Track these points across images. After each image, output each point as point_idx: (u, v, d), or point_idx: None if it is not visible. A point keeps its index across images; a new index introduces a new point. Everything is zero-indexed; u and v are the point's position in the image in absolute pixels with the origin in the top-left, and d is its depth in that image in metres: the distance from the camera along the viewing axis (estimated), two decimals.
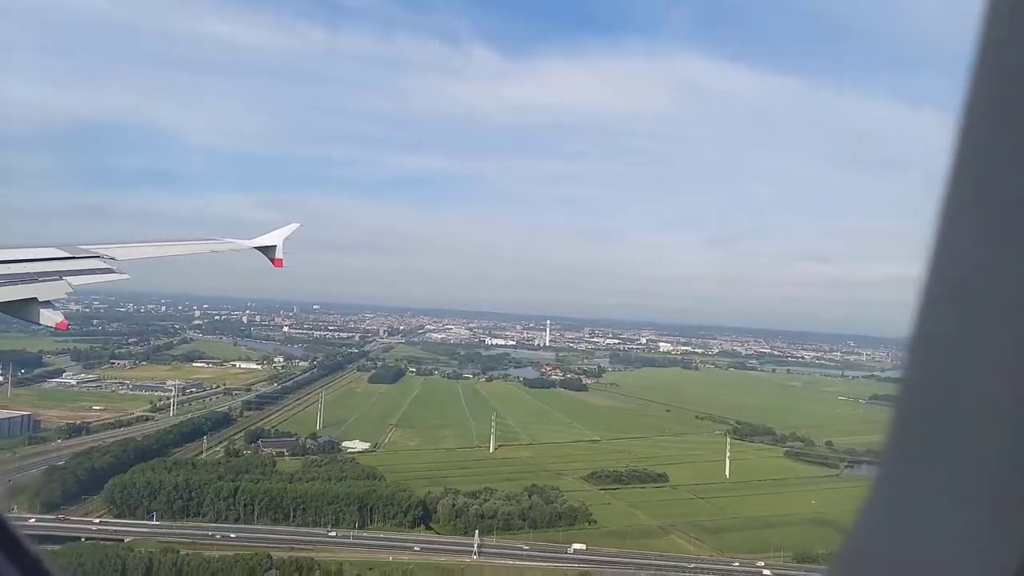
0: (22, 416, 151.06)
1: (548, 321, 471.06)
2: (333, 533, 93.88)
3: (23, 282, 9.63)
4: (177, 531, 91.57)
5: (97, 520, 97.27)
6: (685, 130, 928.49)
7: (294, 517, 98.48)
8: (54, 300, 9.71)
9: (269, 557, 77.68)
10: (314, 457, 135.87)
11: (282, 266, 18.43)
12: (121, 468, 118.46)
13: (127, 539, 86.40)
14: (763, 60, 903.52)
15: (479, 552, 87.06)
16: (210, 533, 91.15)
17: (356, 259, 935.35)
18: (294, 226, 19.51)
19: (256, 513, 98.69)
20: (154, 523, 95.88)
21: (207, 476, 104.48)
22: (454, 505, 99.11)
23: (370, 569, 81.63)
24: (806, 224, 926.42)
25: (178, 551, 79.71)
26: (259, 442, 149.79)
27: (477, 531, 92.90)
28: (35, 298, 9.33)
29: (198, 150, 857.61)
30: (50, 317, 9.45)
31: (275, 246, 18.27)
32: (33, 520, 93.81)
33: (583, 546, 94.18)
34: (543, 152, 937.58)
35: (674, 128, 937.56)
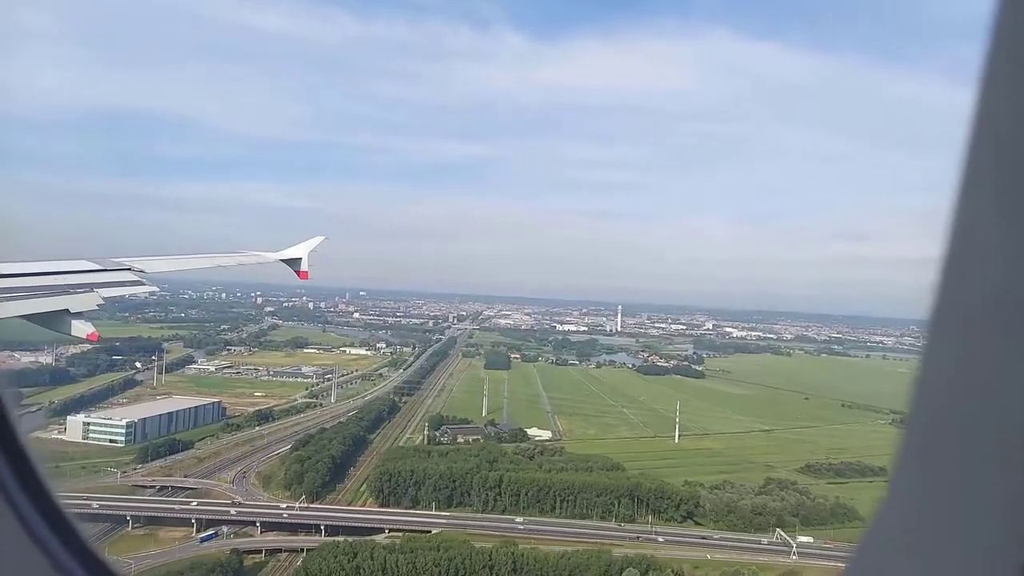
0: (213, 403, 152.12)
1: (619, 307, 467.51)
2: (615, 528, 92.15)
3: (55, 294, 9.72)
4: (478, 522, 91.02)
5: (385, 510, 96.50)
6: (718, 109, 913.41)
7: (561, 509, 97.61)
8: (85, 311, 9.80)
9: (609, 553, 76.53)
10: (508, 444, 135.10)
11: (307, 278, 18.67)
12: (348, 456, 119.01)
13: (434, 530, 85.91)
14: (795, 37, 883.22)
15: (798, 552, 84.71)
16: (517, 524, 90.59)
17: (390, 245, 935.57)
18: (319, 238, 19.60)
19: (523, 504, 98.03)
20: (444, 512, 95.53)
21: (466, 465, 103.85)
22: (722, 500, 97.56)
23: (697, 568, 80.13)
24: (847, 202, 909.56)
25: (516, 544, 78.94)
26: (443, 428, 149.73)
27: (777, 529, 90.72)
28: (67, 309, 9.43)
29: (230, 139, 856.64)
30: (81, 328, 9.49)
31: (300, 258, 18.48)
32: (323, 511, 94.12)
33: None
34: (574, 134, 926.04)
35: (707, 107, 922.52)
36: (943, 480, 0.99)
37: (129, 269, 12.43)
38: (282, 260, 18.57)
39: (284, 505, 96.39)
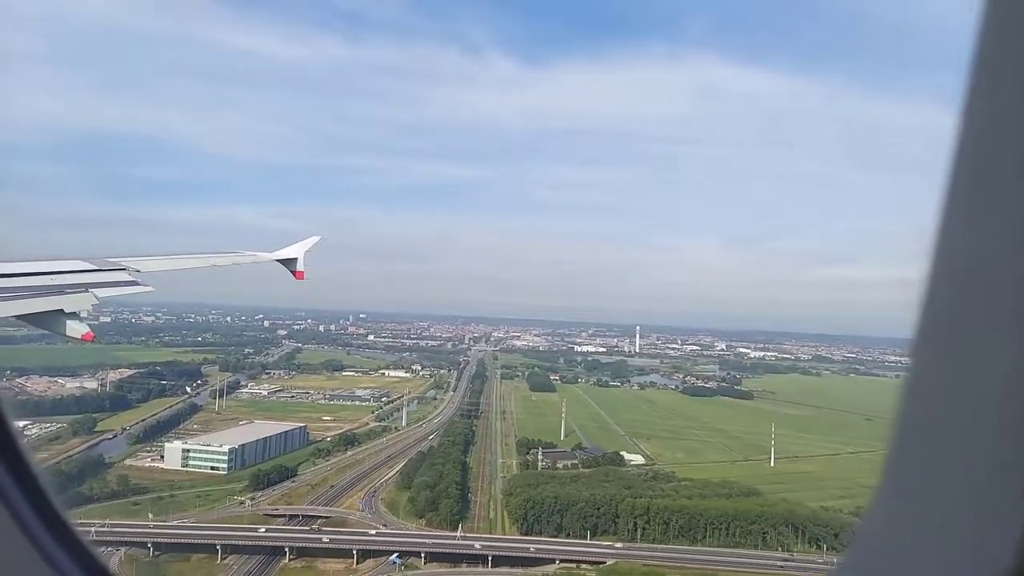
0: (299, 428, 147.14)
1: (638, 327, 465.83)
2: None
3: (49, 294, 9.59)
4: (652, 552, 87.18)
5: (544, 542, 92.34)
6: (704, 133, 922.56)
7: (712, 537, 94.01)
8: (79, 312, 9.66)
9: None
10: (605, 468, 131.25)
11: (303, 278, 18.33)
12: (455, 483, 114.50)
13: (608, 561, 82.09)
14: (782, 61, 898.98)
15: None
16: (694, 554, 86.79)
17: (383, 267, 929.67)
18: (315, 239, 19.34)
19: (672, 532, 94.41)
20: (592, 540, 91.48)
21: (607, 491, 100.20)
22: None
23: None
24: (834, 226, 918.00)
25: None
26: (531, 452, 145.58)
27: None
28: (61, 309, 9.31)
29: (218, 161, 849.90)
30: (75, 328, 9.38)
31: (296, 258, 18.18)
32: (485, 540, 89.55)
33: None
34: (561, 158, 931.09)
35: (694, 131, 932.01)
36: (929, 484, 1.00)
37: (124, 269, 12.04)
38: (278, 260, 18.13)
39: (456, 534, 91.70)
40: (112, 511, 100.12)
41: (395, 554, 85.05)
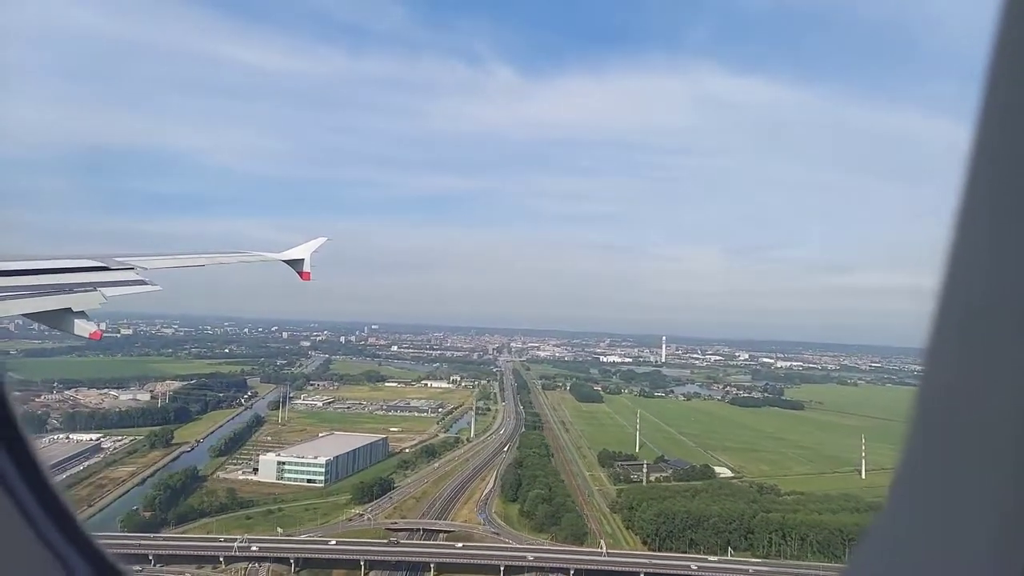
0: (381, 439, 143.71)
1: (664, 338, 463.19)
2: None
3: (57, 292, 9.50)
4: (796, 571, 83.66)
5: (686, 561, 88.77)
6: (703, 142, 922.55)
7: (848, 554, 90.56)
8: (88, 310, 9.53)
9: None
10: (700, 483, 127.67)
11: (309, 279, 18.13)
12: (568, 496, 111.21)
13: None
14: (781, 71, 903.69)
15: None
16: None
17: (380, 278, 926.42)
18: (322, 240, 19.26)
19: (809, 548, 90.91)
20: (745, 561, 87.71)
21: (738, 506, 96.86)
22: None
23: None
24: (836, 232, 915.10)
25: None
26: (615, 464, 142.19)
27: None
28: (69, 308, 9.23)
29: (220, 175, 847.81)
30: (83, 327, 9.24)
31: (303, 259, 18.09)
32: (632, 558, 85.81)
33: None
34: (562, 168, 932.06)
35: (692, 141, 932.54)
36: (946, 483, 1.00)
37: (132, 268, 11.99)
38: (284, 260, 18.03)
39: (601, 550, 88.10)
40: (229, 525, 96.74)
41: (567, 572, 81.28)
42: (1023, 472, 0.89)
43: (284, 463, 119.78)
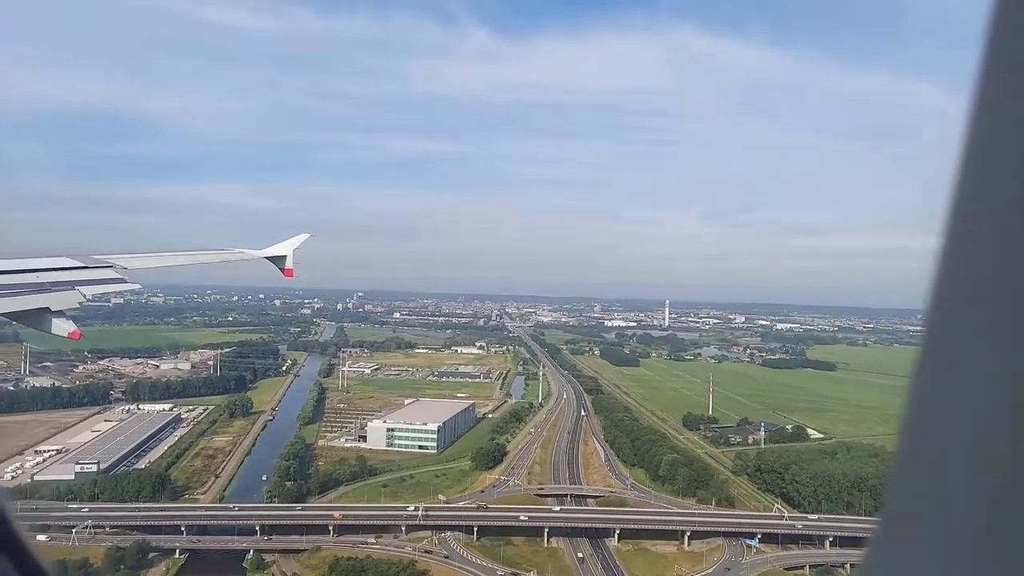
0: (469, 404, 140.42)
1: (667, 302, 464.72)
2: None
3: (35, 292, 9.42)
4: None
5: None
6: (682, 106, 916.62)
7: None
8: (66, 309, 9.44)
9: None
10: (800, 444, 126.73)
11: (292, 276, 18.40)
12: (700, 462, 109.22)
13: None
14: (760, 32, 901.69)
15: None
16: None
17: (359, 244, 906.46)
18: (304, 236, 19.40)
19: None
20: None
21: (863, 469, 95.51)
22: None
23: None
24: (816, 195, 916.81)
25: None
26: (703, 427, 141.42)
27: None
28: (47, 307, 9.12)
29: (192, 139, 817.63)
30: (62, 327, 9.10)
31: (285, 256, 18.33)
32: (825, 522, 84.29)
33: None
34: (538, 131, 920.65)
35: (671, 104, 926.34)
36: (942, 487, 0.99)
37: (111, 267, 11.89)
38: (267, 258, 18.04)
39: (783, 513, 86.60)
40: (368, 493, 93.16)
41: (754, 536, 79.49)
42: (1020, 470, 0.89)
43: (393, 430, 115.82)
